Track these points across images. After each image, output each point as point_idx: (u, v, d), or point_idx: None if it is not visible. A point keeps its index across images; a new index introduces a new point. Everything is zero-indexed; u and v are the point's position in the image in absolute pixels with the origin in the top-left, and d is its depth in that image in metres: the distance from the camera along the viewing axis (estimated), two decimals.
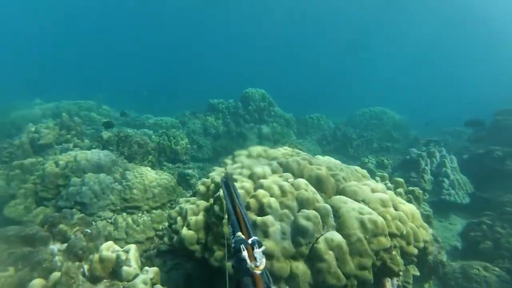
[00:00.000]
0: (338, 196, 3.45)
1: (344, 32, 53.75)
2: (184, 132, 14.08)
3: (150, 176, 5.79)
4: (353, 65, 58.07)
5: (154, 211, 5.44)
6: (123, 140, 7.97)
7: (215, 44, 64.01)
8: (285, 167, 3.72)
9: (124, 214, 5.21)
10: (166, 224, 5.49)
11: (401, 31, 49.77)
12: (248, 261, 0.97)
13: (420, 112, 25.17)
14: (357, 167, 4.52)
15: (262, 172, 3.49)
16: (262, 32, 59.40)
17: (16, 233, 3.44)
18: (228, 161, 5.40)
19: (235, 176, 3.57)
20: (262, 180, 3.33)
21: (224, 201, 1.75)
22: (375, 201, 3.44)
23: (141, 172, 5.87)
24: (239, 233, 1.18)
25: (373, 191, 3.60)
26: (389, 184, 4.91)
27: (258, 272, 0.90)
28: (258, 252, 0.99)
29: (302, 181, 3.36)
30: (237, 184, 3.37)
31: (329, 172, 3.78)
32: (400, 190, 4.77)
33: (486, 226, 5.12)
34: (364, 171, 4.46)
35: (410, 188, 4.92)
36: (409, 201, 4.70)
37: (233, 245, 1.15)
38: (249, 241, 1.11)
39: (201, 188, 3.79)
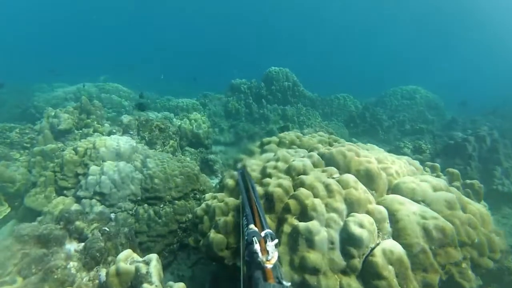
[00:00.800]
0: (392, 196, 2.89)
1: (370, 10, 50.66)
2: (205, 115, 13.72)
3: (172, 164, 5.41)
4: (379, 45, 54.99)
5: (176, 201, 5.09)
6: (143, 125, 7.64)
7: (235, 23, 62.34)
8: (328, 160, 3.18)
9: (146, 205, 4.89)
10: (190, 216, 5.15)
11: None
12: (260, 254, 0.86)
13: (453, 91, 23.37)
14: (408, 158, 3.90)
15: (302, 166, 2.97)
16: (281, 11, 57.13)
17: (30, 231, 3.14)
18: (256, 148, 4.92)
19: (269, 170, 3.08)
20: (302, 177, 2.82)
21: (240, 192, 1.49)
22: (439, 202, 2.86)
23: (162, 159, 5.50)
24: (252, 225, 1.07)
25: (435, 189, 3.01)
26: (443, 177, 4.27)
27: (269, 266, 0.81)
28: (270, 245, 0.88)
29: (350, 178, 2.81)
30: (272, 181, 2.88)
31: (379, 165, 3.21)
32: (457, 183, 4.12)
33: None
34: (417, 163, 3.85)
35: (468, 181, 4.26)
36: (467, 197, 4.07)
37: (246, 237, 1.05)
38: (262, 233, 0.99)
39: (230, 182, 3.33)
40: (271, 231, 1.05)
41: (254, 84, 15.87)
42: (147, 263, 2.26)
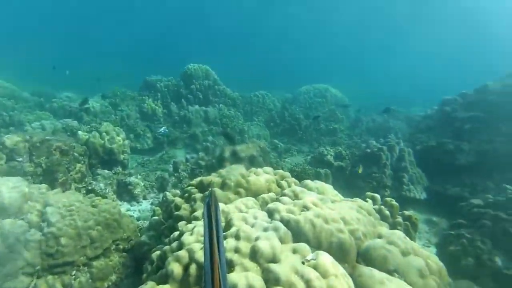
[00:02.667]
0: (369, 272, 2.54)
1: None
2: (117, 119, 11.88)
3: (83, 212, 4.17)
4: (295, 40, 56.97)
5: (94, 263, 3.95)
6: (37, 148, 5.91)
7: (150, 15, 56.49)
8: (296, 231, 2.65)
9: (50, 276, 3.63)
10: (113, 278, 4.09)
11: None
12: None
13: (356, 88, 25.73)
14: (360, 201, 3.67)
15: (271, 250, 2.37)
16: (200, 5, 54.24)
17: None
18: (193, 190, 4.12)
19: (229, 256, 2.39)
20: (276, 269, 2.22)
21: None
22: (411, 271, 2.63)
23: (70, 206, 4.20)
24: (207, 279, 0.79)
25: (403, 253, 2.79)
26: (384, 210, 4.24)
27: None
28: None
29: (327, 262, 2.34)
30: (239, 276, 2.21)
31: (347, 228, 2.84)
32: (399, 219, 4.13)
33: (467, 240, 4.90)
34: (369, 207, 3.65)
35: (406, 212, 4.32)
36: (407, 230, 4.14)
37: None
38: None
39: (176, 269, 2.52)
40: None
41: (172, 82, 14.44)
42: None
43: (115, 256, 4.26)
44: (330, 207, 3.13)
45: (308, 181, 4.07)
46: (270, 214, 2.93)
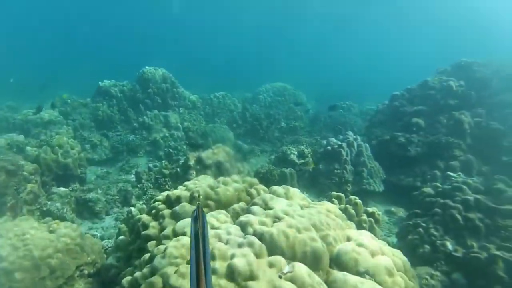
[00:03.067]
0: (342, 276, 2.64)
1: None
2: (70, 129, 11.06)
3: (39, 240, 3.84)
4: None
5: None
6: None
7: (97, 14, 52.83)
8: (270, 244, 2.67)
9: None
10: None
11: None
12: None
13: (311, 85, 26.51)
14: (328, 204, 3.79)
15: (247, 267, 2.36)
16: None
17: None
18: (161, 206, 3.97)
19: None
20: (253, 287, 2.22)
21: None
22: (380, 271, 2.78)
23: (23, 234, 3.84)
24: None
25: (372, 253, 2.94)
26: (350, 209, 4.44)
27: None
28: None
29: (304, 272, 2.40)
30: None
31: (318, 234, 2.92)
32: (364, 217, 4.35)
33: (422, 229, 5.31)
34: (336, 209, 3.79)
35: (369, 209, 4.57)
36: (371, 227, 4.37)
37: None
38: None
39: None
40: None
41: (127, 86, 13.76)
42: None
43: (80, 284, 3.99)
44: (300, 214, 3.20)
45: (275, 187, 4.12)
46: (243, 227, 2.93)
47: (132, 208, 5.21)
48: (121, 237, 4.33)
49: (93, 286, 4.11)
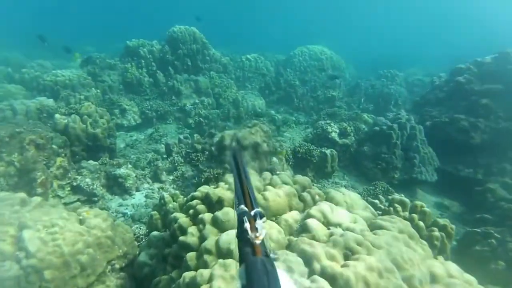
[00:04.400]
0: None
1: None
2: (99, 92, 10.73)
3: (70, 233, 3.52)
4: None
5: None
6: (7, 143, 5.06)
7: None
8: None
9: None
10: None
11: None
12: (249, 231, 0.92)
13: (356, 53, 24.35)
14: (399, 222, 3.12)
15: None
16: None
17: None
18: (205, 215, 3.47)
19: None
20: None
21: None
22: None
23: (52, 225, 3.53)
24: (242, 206, 1.08)
25: None
26: (417, 220, 3.75)
27: (258, 242, 0.88)
28: (259, 223, 0.95)
29: None
30: None
31: (400, 276, 2.30)
32: (435, 233, 3.64)
33: (496, 241, 4.54)
34: (408, 227, 3.11)
35: (441, 221, 3.84)
36: (443, 244, 3.68)
37: (237, 217, 1.10)
38: (252, 213, 1.01)
39: None
40: (260, 210, 1.04)
41: (156, 47, 13.03)
42: None
43: (111, 280, 3.71)
44: (374, 242, 2.56)
45: (333, 193, 3.47)
46: (308, 261, 2.34)
47: (165, 194, 4.81)
48: (154, 233, 3.95)
49: (125, 282, 3.84)
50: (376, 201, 5.02)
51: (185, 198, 4.10)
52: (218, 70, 14.05)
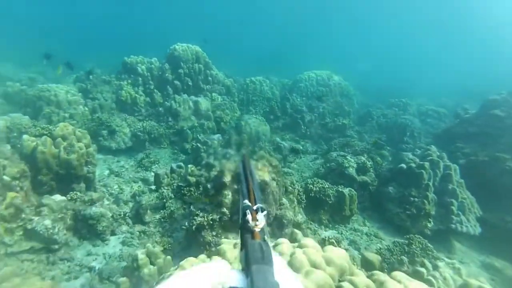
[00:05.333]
0: None
1: None
2: (87, 110, 9.64)
3: None
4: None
5: None
6: None
7: None
8: None
9: None
10: None
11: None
12: (250, 221, 1.02)
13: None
14: None
15: None
16: None
17: None
18: None
19: None
20: None
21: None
22: None
23: None
24: (246, 201, 1.18)
25: None
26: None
27: (257, 229, 0.98)
28: (260, 215, 1.04)
29: None
30: None
31: None
32: None
33: None
34: None
35: None
36: None
37: (241, 210, 1.16)
38: (254, 207, 1.11)
39: None
40: (262, 205, 1.12)
41: (155, 64, 12.11)
42: None
43: None
44: None
45: (385, 281, 2.22)
46: None
47: (139, 254, 3.53)
48: None
49: None
50: (422, 269, 3.75)
51: (166, 258, 2.82)
52: (220, 92, 13.09)
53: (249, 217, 1.02)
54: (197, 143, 9.35)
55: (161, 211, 5.74)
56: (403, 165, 6.60)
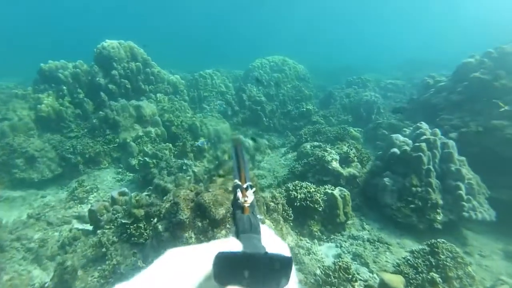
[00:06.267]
0: None
1: None
2: None
3: None
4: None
5: None
6: None
7: None
8: None
9: None
10: None
11: None
12: (240, 198, 1.02)
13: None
14: None
15: None
16: None
17: None
18: None
19: None
20: None
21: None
22: None
23: None
24: (236, 180, 1.16)
25: None
26: None
27: (246, 205, 0.97)
28: (249, 192, 1.05)
29: None
30: None
31: None
32: None
33: None
34: None
35: None
36: None
37: (232, 189, 1.18)
38: (244, 185, 1.10)
39: None
40: (250, 183, 1.10)
41: (82, 68, 9.91)
42: None
43: None
44: None
45: None
46: None
47: None
48: None
49: None
50: None
51: None
52: (166, 91, 11.26)
53: (239, 194, 1.03)
54: (144, 157, 7.61)
55: (100, 266, 4.08)
56: (396, 150, 5.61)
